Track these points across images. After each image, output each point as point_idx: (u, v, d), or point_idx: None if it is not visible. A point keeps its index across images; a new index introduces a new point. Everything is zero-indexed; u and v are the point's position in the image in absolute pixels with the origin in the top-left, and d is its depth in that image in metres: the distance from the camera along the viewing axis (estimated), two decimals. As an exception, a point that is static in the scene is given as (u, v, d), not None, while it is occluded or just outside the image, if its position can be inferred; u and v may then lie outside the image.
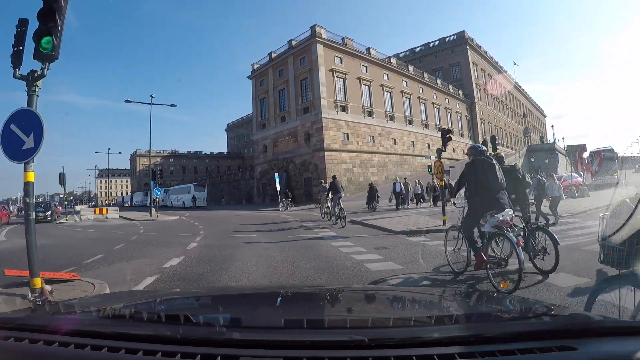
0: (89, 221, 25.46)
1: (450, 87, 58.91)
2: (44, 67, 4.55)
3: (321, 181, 22.70)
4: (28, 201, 4.50)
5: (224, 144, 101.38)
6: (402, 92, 47.79)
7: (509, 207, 4.99)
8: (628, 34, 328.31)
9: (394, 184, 22.89)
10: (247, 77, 48.67)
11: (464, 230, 5.63)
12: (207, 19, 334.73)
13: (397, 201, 22.51)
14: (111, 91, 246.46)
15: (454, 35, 65.13)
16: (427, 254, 7.59)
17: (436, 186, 21.55)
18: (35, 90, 4.58)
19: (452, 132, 14.24)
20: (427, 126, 51.63)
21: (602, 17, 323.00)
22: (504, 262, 4.92)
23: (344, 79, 40.14)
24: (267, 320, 1.53)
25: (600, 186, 22.98)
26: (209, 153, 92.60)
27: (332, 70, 38.92)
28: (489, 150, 22.41)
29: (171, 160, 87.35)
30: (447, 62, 65.12)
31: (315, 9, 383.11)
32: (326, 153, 36.98)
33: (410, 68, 51.25)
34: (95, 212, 29.03)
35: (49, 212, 28.13)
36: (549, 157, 48.73)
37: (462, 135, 58.62)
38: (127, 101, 28.40)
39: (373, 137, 42.54)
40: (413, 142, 48.39)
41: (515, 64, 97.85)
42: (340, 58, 40.25)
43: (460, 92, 61.26)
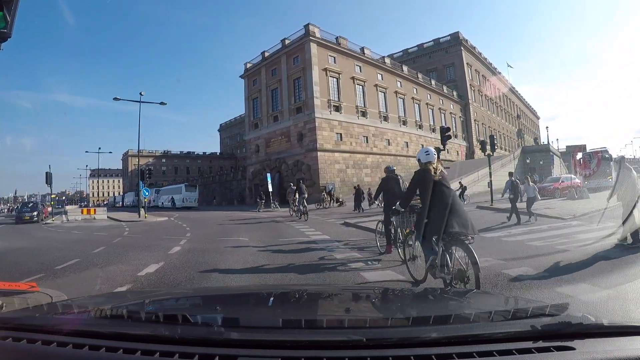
0: (75, 222, 24.98)
1: (445, 88, 58.84)
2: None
3: (290, 184, 24.63)
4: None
5: (218, 144, 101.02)
6: (396, 92, 47.53)
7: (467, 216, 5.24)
8: (621, 36, 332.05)
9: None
10: (240, 77, 48.15)
11: (384, 225, 7.27)
12: (201, 18, 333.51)
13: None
14: (106, 91, 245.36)
15: (448, 36, 65.11)
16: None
17: None
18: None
19: (450, 131, 14.01)
20: (421, 127, 51.45)
21: (595, 19, 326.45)
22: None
23: (337, 78, 39.74)
24: (265, 320, 1.54)
25: (595, 189, 22.42)
26: (202, 153, 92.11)
27: (325, 69, 38.49)
28: (488, 151, 22.30)
29: (163, 160, 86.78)
30: (441, 62, 65.05)
31: (310, 8, 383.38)
32: (319, 153, 36.54)
33: (405, 68, 51.03)
34: (82, 212, 28.53)
35: (35, 213, 28.02)
36: (544, 158, 48.72)
37: (456, 136, 58.48)
38: (115, 99, 27.75)
39: (367, 137, 42.19)
40: (407, 142, 48.11)
41: (509, 66, 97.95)
42: (334, 57, 39.84)
43: (455, 93, 61.25)
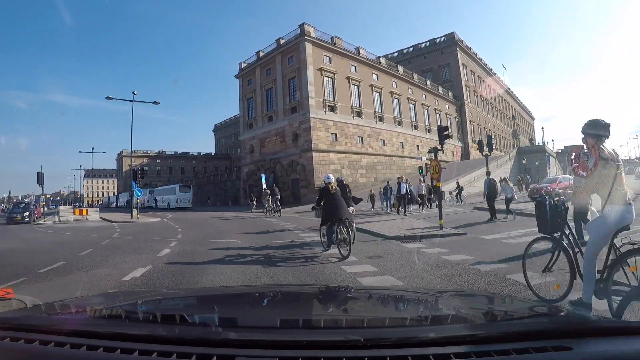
0: (67, 222, 24.73)
1: (440, 88, 58.84)
2: None
3: (264, 188, 28.06)
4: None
5: (213, 145, 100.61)
6: (391, 92, 47.43)
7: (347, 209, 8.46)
8: (616, 38, 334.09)
9: (398, 184, 19.37)
10: (234, 77, 47.86)
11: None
12: (197, 19, 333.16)
13: (402, 205, 18.88)
14: (102, 91, 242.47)
15: (443, 36, 65.12)
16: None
17: (431, 188, 20.67)
18: None
19: (448, 130, 13.89)
20: (416, 127, 51.41)
21: (591, 20, 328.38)
22: None
23: (332, 78, 39.55)
24: (263, 320, 1.52)
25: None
26: (197, 154, 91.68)
27: (320, 69, 38.30)
28: (485, 151, 22.22)
29: (158, 160, 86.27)
30: (436, 63, 65.04)
31: (305, 9, 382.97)
32: (314, 154, 36.32)
33: (400, 69, 50.95)
34: (74, 213, 28.19)
35: (26, 213, 27.77)
36: (539, 159, 48.82)
37: (451, 137, 58.36)
38: (108, 98, 27.65)
39: (362, 137, 42.02)
40: (402, 143, 48.02)
41: (504, 67, 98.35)
42: (329, 57, 39.66)
43: (450, 93, 61.25)
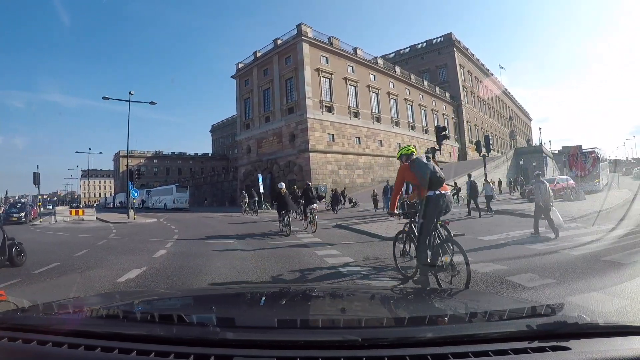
0: (64, 223, 24.65)
1: (437, 89, 58.95)
2: None
3: (242, 191, 31.18)
4: None
5: (210, 145, 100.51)
6: (388, 93, 47.53)
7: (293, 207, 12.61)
8: (614, 38, 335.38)
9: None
10: (232, 77, 47.83)
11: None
12: (195, 19, 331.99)
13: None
14: (100, 91, 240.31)
15: (440, 37, 65.22)
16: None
17: None
18: None
19: (446, 130, 13.84)
20: (413, 128, 51.49)
21: (589, 21, 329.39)
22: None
23: (330, 79, 39.59)
24: (261, 320, 1.53)
25: (588, 191, 22.02)
26: (194, 154, 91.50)
27: (317, 70, 38.33)
28: (483, 151, 21.96)
29: (155, 161, 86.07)
30: (434, 64, 65.15)
31: (302, 9, 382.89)
32: (311, 154, 36.35)
33: (397, 69, 51.05)
34: (71, 213, 28.11)
35: (22, 214, 27.64)
36: (537, 159, 48.91)
37: (448, 137, 58.45)
38: (104, 98, 27.64)
39: (359, 138, 42.09)
40: (399, 143, 47.87)
41: (501, 67, 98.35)
42: (327, 58, 39.71)
43: (447, 94, 61.36)
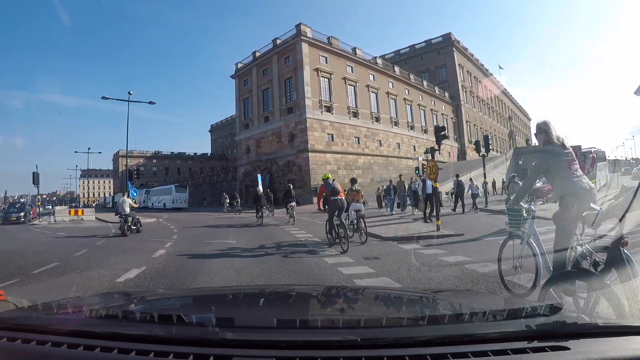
0: (63, 223, 24.65)
1: (437, 89, 58.98)
2: None
3: (224, 193, 34.04)
4: None
5: (209, 145, 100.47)
6: (388, 93, 47.56)
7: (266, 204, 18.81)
8: (614, 38, 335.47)
9: (423, 182, 15.41)
10: (231, 77, 47.87)
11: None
12: (194, 19, 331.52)
13: (430, 207, 14.54)
14: (99, 91, 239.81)
15: (440, 37, 65.24)
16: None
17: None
18: None
19: (445, 130, 13.76)
20: (412, 128, 51.52)
21: (589, 21, 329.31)
22: None
23: (329, 79, 39.62)
24: (260, 320, 1.53)
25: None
26: (193, 154, 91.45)
27: (317, 69, 38.36)
28: (482, 151, 21.76)
29: (154, 161, 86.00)
30: (433, 64, 65.17)
31: (302, 9, 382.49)
32: (310, 154, 36.38)
33: (397, 69, 51.10)
34: (70, 213, 28.10)
35: (22, 214, 27.71)
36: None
37: (448, 137, 58.50)
38: (104, 98, 27.64)
39: (358, 138, 42.12)
40: (399, 143, 48.15)
41: (500, 67, 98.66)
42: (326, 58, 39.73)
43: (447, 94, 61.41)
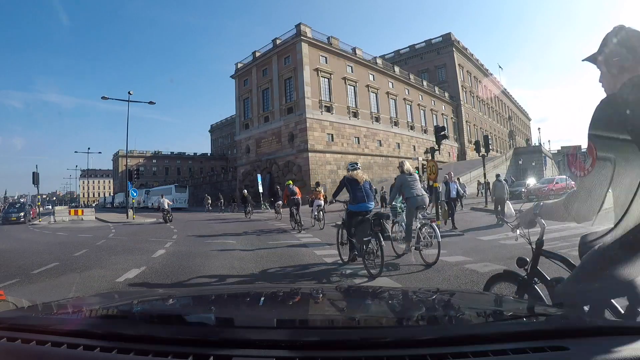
0: (63, 223, 24.71)
1: (436, 89, 58.94)
2: None
3: (206, 195, 38.68)
4: None
5: (209, 145, 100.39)
6: (387, 93, 47.55)
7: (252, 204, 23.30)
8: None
9: (446, 184, 13.93)
10: (231, 77, 47.89)
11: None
12: (193, 18, 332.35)
13: (452, 209, 13.26)
14: (99, 91, 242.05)
15: (439, 37, 65.18)
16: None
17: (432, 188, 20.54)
18: None
19: (445, 130, 13.71)
20: (412, 128, 51.50)
21: (587, 20, 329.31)
22: None
23: (329, 78, 39.62)
24: (260, 320, 1.51)
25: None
26: (193, 154, 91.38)
27: (317, 69, 38.37)
28: (482, 151, 22.04)
29: (154, 161, 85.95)
30: (433, 64, 65.11)
31: (302, 9, 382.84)
32: (310, 154, 36.40)
33: (396, 69, 51.07)
34: (70, 213, 28.15)
35: (22, 214, 27.70)
36: (536, 159, 48.97)
37: (447, 137, 58.45)
38: (103, 98, 27.71)
39: (358, 138, 42.13)
40: (399, 143, 48.13)
41: (500, 68, 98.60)
42: (326, 57, 39.73)
43: (446, 94, 61.37)
